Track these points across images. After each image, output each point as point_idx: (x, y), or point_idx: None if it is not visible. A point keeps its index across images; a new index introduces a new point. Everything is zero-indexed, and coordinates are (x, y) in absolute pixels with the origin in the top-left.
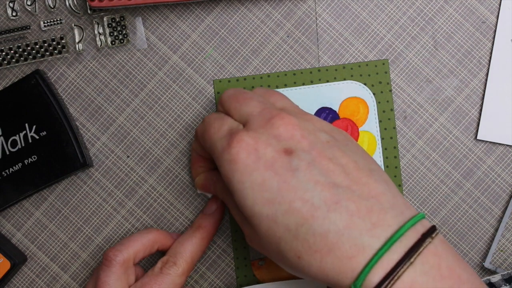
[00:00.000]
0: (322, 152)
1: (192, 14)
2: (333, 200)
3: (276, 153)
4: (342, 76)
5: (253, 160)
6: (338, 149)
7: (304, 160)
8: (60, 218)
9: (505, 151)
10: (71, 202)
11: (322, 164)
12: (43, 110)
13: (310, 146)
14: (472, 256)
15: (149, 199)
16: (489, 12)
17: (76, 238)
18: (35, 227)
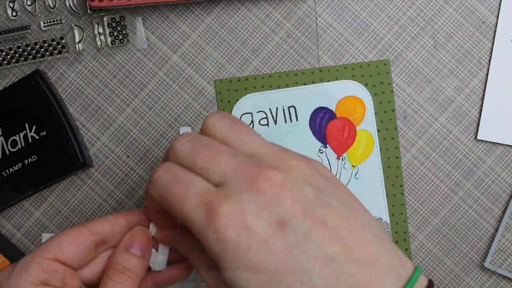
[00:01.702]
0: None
1: (192, 14)
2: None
3: (268, 228)
4: (343, 76)
5: (245, 239)
6: (327, 207)
7: (300, 233)
8: (60, 218)
9: (505, 151)
10: (71, 202)
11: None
12: (43, 110)
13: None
14: (472, 256)
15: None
16: (489, 12)
17: None
18: (35, 227)
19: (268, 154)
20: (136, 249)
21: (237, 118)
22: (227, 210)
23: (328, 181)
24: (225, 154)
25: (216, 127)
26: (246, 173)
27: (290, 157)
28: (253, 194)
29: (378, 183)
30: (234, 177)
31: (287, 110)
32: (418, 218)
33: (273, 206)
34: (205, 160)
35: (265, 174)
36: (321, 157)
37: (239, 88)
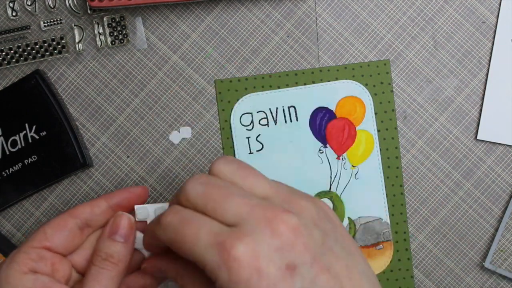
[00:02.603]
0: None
1: (192, 14)
2: None
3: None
4: (343, 76)
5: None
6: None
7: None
8: None
9: (505, 151)
10: (71, 202)
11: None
12: (43, 110)
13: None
14: (472, 256)
15: (149, 199)
16: (489, 12)
17: None
18: (35, 227)
19: (278, 196)
20: (119, 235)
21: (243, 162)
22: (241, 251)
23: (332, 224)
24: (239, 196)
25: (222, 172)
26: (262, 215)
27: (298, 197)
28: (267, 237)
29: (378, 183)
30: (249, 219)
31: (287, 110)
32: (418, 218)
33: (285, 250)
34: (218, 202)
35: (281, 217)
36: (321, 157)
37: (239, 88)
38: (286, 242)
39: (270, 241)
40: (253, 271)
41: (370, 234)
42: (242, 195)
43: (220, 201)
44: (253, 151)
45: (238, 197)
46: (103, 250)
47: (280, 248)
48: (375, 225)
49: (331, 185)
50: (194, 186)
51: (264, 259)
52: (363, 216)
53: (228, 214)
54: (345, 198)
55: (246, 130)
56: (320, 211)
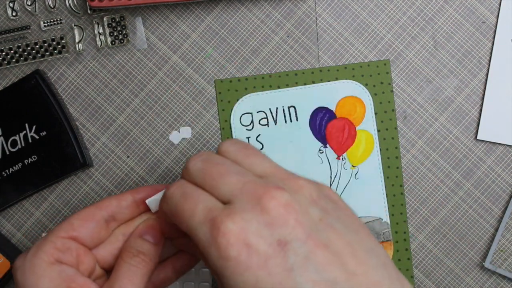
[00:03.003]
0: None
1: (192, 14)
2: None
3: (269, 247)
4: (343, 76)
5: (245, 258)
6: (331, 229)
7: (300, 255)
8: (60, 218)
9: (505, 151)
10: (71, 202)
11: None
12: (43, 110)
13: (305, 234)
14: (472, 256)
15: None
16: (489, 12)
17: None
18: (35, 227)
19: (277, 174)
20: (150, 236)
21: (249, 144)
22: (229, 228)
23: (335, 204)
24: (234, 173)
25: (228, 150)
26: (252, 192)
27: (298, 178)
28: (257, 213)
29: (378, 183)
30: (241, 196)
31: (287, 110)
32: (418, 218)
33: (276, 226)
34: (215, 178)
35: (271, 193)
36: (321, 157)
37: (239, 88)
38: (277, 218)
39: (260, 217)
40: (242, 248)
41: None
42: (238, 172)
43: (216, 177)
44: None
45: (234, 174)
46: (134, 247)
47: (270, 224)
48: (375, 225)
49: (331, 185)
50: (196, 162)
51: (254, 235)
52: (363, 216)
53: (222, 190)
54: (345, 198)
55: (246, 130)
56: (322, 192)
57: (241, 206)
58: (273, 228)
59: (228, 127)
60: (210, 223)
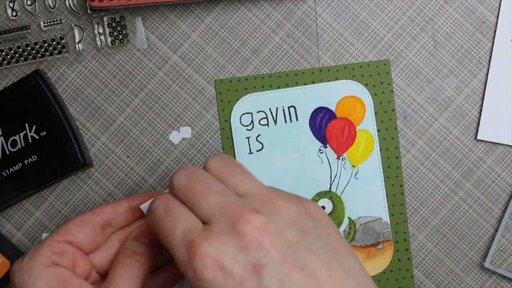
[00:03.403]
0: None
1: (192, 14)
2: None
3: (244, 271)
4: (343, 76)
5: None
6: (308, 250)
7: (275, 278)
8: (60, 218)
9: (505, 151)
10: (71, 202)
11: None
12: (43, 110)
13: (281, 256)
14: (472, 256)
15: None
16: (489, 12)
17: None
18: (35, 227)
19: (257, 195)
20: (145, 238)
21: (235, 161)
22: (205, 251)
23: (316, 222)
24: (215, 192)
25: (213, 167)
26: (229, 215)
27: (278, 198)
28: (232, 237)
29: (378, 183)
30: (218, 217)
31: (287, 110)
32: (418, 218)
33: (250, 249)
34: (196, 196)
35: (246, 217)
36: (321, 157)
37: (239, 88)
38: (252, 241)
39: (236, 241)
40: (217, 271)
41: (370, 234)
42: (219, 192)
43: (197, 195)
44: (253, 151)
45: (214, 193)
46: (129, 248)
47: (245, 247)
48: (375, 225)
49: (331, 185)
50: (180, 177)
51: (229, 259)
52: (363, 216)
53: (202, 209)
54: (345, 198)
55: (246, 130)
56: (302, 211)
57: (218, 229)
58: (248, 252)
59: (228, 127)
60: (188, 245)
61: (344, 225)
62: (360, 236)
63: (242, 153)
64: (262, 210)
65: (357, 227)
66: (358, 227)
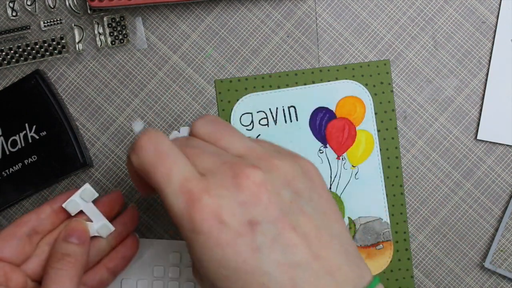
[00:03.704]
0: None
1: (192, 14)
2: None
3: (240, 226)
4: (343, 76)
5: (216, 233)
6: (301, 212)
7: (269, 236)
8: None
9: (505, 151)
10: None
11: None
12: (43, 110)
13: (276, 215)
14: (472, 256)
15: (149, 199)
16: (489, 12)
17: None
18: None
19: (252, 154)
20: (74, 237)
21: (222, 120)
22: (205, 203)
23: (310, 183)
24: (210, 154)
25: (201, 132)
26: (229, 169)
27: (274, 157)
28: (232, 191)
29: (378, 183)
30: (218, 173)
31: (287, 110)
32: (418, 218)
33: (249, 205)
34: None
35: (246, 172)
36: (321, 157)
37: (239, 88)
38: (251, 197)
39: (235, 195)
40: (215, 224)
41: (370, 234)
42: (212, 152)
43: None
44: None
45: (210, 154)
46: (59, 251)
47: (244, 202)
48: (375, 225)
49: (331, 185)
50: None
51: (228, 212)
52: (363, 216)
53: (198, 166)
54: (345, 198)
55: (246, 130)
56: (297, 170)
57: (218, 181)
58: (246, 207)
59: None
60: (187, 195)
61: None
62: (360, 236)
63: None
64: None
65: (357, 227)
66: (358, 227)
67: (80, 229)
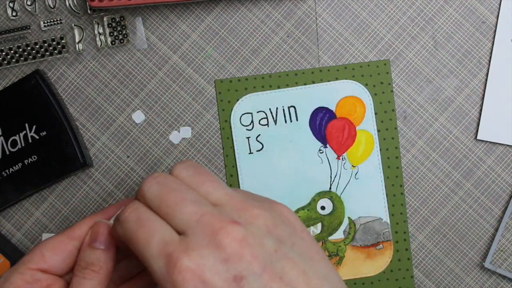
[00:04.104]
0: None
1: (192, 14)
2: None
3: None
4: (343, 76)
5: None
6: (286, 259)
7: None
8: (60, 218)
9: (505, 151)
10: (71, 202)
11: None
12: (43, 110)
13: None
14: (472, 256)
15: None
16: (489, 12)
17: None
18: (35, 227)
19: (231, 204)
20: (98, 242)
21: (202, 167)
22: (186, 265)
23: (290, 228)
24: (190, 202)
25: (181, 176)
26: (208, 226)
27: (253, 207)
28: (212, 249)
29: (378, 183)
30: (196, 229)
31: (287, 110)
32: (418, 218)
33: (231, 262)
34: (170, 206)
35: (226, 229)
36: (321, 157)
37: (239, 88)
38: (232, 253)
39: (216, 253)
40: (198, 284)
41: (370, 234)
42: (194, 201)
43: (172, 205)
44: (253, 151)
45: (190, 203)
46: (83, 259)
47: (226, 260)
48: (375, 225)
49: (331, 185)
50: (151, 185)
51: (210, 272)
52: (363, 216)
53: (178, 220)
54: (345, 198)
55: (246, 130)
56: (277, 217)
57: (197, 241)
58: (229, 264)
59: (228, 127)
60: (166, 258)
61: (344, 225)
62: (360, 236)
63: (242, 153)
64: (239, 220)
65: (357, 227)
66: (358, 227)
67: (105, 233)
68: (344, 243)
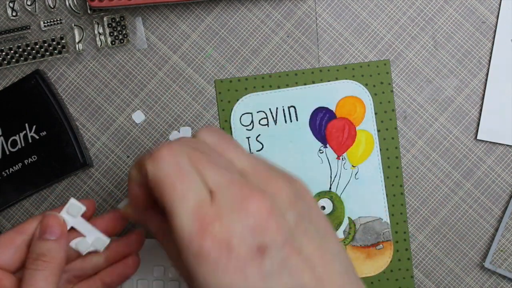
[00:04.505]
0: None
1: (192, 14)
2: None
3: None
4: (343, 76)
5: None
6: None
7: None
8: None
9: (505, 151)
10: None
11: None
12: (43, 110)
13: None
14: (472, 256)
15: None
16: (489, 12)
17: None
18: None
19: (256, 173)
20: (48, 233)
21: (226, 134)
22: (217, 231)
23: (307, 204)
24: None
25: (207, 141)
26: (238, 191)
27: (277, 178)
28: (242, 216)
29: (378, 183)
30: (227, 191)
31: (287, 110)
32: (418, 218)
33: (257, 231)
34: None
35: (255, 197)
36: (321, 157)
37: (239, 88)
38: (259, 222)
39: (244, 220)
40: (224, 250)
41: (370, 234)
42: (221, 165)
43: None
44: (253, 151)
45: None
46: (34, 251)
47: (253, 228)
48: (375, 225)
49: (331, 185)
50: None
51: (237, 239)
52: (363, 216)
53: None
54: (345, 198)
55: (246, 130)
56: (296, 192)
57: (228, 206)
58: (255, 233)
59: (228, 127)
60: (199, 221)
61: (344, 225)
62: (360, 236)
63: None
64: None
65: (357, 227)
66: (358, 227)
67: (55, 224)
68: (344, 243)
